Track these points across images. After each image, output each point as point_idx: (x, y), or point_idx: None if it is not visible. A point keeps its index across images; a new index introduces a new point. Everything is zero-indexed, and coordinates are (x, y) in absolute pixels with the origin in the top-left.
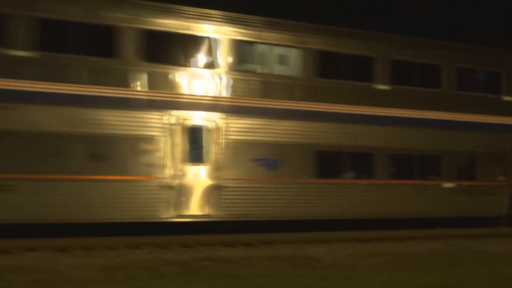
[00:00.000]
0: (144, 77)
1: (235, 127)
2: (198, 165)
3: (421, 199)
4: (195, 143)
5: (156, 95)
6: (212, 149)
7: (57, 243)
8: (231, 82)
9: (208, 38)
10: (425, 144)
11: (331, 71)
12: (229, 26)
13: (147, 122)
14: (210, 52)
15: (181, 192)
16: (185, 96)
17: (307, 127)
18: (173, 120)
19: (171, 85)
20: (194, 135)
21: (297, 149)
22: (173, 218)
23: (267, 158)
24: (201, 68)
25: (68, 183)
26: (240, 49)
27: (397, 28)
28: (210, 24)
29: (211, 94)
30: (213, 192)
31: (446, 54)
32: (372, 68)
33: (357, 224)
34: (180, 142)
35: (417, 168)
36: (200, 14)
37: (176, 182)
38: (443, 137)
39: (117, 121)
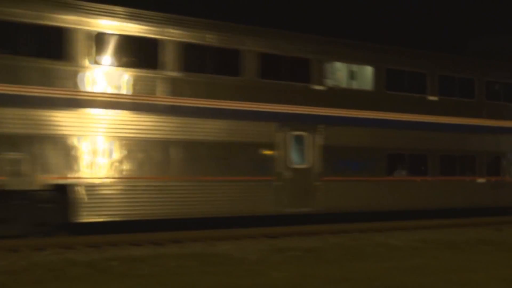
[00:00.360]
0: (262, 92)
1: (330, 135)
2: (301, 166)
3: (462, 192)
4: (298, 148)
5: (272, 108)
6: (311, 153)
7: None
8: (329, 97)
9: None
10: (465, 146)
11: (396, 86)
12: None
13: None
14: (318, 72)
15: (289, 189)
16: (291, 109)
17: (381, 133)
18: (283, 129)
19: (282, 100)
20: (298, 141)
21: (378, 151)
22: (282, 211)
23: (353, 160)
24: (306, 85)
25: (204, 183)
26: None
27: None
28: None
29: (312, 107)
30: (313, 189)
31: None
32: (425, 82)
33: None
34: (287, 147)
35: (458, 167)
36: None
37: (284, 180)
38: (477, 139)
39: (244, 131)
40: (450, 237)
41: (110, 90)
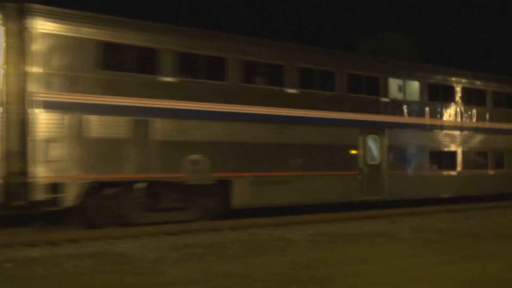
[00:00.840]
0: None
1: (393, 137)
2: (373, 162)
3: (478, 182)
4: (373, 149)
5: (354, 117)
6: (381, 152)
7: None
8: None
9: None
10: (480, 144)
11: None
12: None
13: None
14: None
15: (363, 181)
16: (368, 117)
17: (426, 134)
18: (363, 133)
19: (364, 109)
20: (372, 143)
21: (423, 149)
22: (362, 199)
23: (408, 156)
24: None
25: (315, 177)
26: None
27: None
28: None
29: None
30: (382, 181)
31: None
32: (455, 94)
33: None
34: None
35: (475, 161)
36: None
37: (364, 174)
38: (488, 138)
39: (339, 135)
40: (347, 230)
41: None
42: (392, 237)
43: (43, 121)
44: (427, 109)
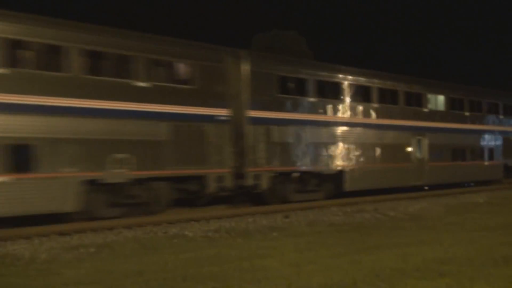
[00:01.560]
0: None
1: (431, 138)
2: (420, 156)
3: (476, 171)
4: (419, 146)
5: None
6: (424, 150)
7: None
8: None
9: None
10: (473, 142)
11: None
12: None
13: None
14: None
15: (414, 170)
16: (417, 123)
17: (449, 136)
18: (414, 136)
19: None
20: (419, 142)
21: (448, 147)
22: (412, 184)
23: (439, 152)
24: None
25: (389, 168)
26: None
27: None
28: None
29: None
30: (424, 170)
31: None
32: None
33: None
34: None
35: (471, 155)
36: None
37: (415, 165)
38: (485, 137)
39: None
40: (243, 226)
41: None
42: (288, 231)
43: (251, 132)
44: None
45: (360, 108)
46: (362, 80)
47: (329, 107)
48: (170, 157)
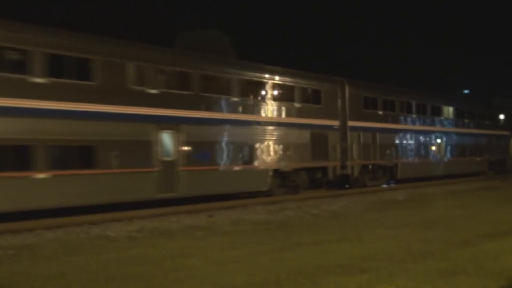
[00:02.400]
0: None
1: (453, 139)
2: (438, 154)
3: (471, 165)
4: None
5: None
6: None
7: None
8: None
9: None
10: (468, 142)
11: None
12: None
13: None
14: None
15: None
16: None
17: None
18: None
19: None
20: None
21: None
22: (439, 174)
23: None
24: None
25: (456, 160)
26: None
27: None
28: None
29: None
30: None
31: None
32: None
33: None
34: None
35: (471, 151)
36: None
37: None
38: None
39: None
40: (166, 225)
41: None
42: (212, 231)
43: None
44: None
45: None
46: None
47: (394, 119)
48: (309, 154)
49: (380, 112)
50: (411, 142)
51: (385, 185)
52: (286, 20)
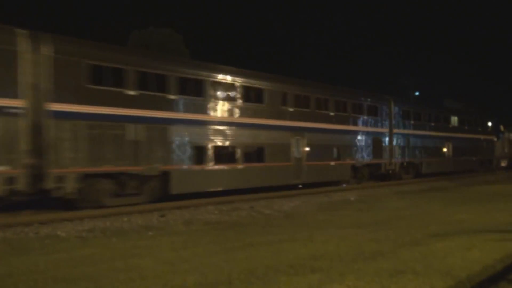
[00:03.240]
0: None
1: (458, 142)
2: (449, 154)
3: (470, 163)
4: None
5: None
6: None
7: None
8: None
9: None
10: (468, 145)
11: None
12: None
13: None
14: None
15: (449, 162)
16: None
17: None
18: (449, 142)
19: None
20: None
21: (467, 150)
22: (450, 170)
23: (459, 153)
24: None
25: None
26: None
27: None
28: None
29: None
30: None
31: None
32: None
33: None
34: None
35: (470, 152)
36: None
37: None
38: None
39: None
40: (117, 225)
41: None
42: (163, 230)
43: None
44: None
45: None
46: None
47: (421, 127)
48: (372, 154)
49: (412, 122)
50: (431, 145)
51: (343, 185)
52: (240, 18)
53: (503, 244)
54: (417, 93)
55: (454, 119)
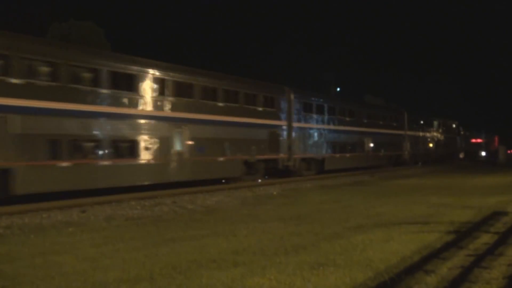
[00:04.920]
0: None
1: (439, 139)
2: (435, 147)
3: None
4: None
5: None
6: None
7: None
8: None
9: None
10: (442, 141)
11: None
12: None
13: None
14: None
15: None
16: None
17: None
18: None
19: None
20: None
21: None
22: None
23: (440, 146)
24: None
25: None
26: None
27: None
28: None
29: None
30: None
31: None
32: None
33: None
34: None
35: (444, 146)
36: None
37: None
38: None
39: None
40: (37, 221)
41: None
42: (84, 226)
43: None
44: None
45: None
46: None
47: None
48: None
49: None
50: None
51: (259, 180)
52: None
53: (420, 236)
54: (338, 89)
55: (436, 123)
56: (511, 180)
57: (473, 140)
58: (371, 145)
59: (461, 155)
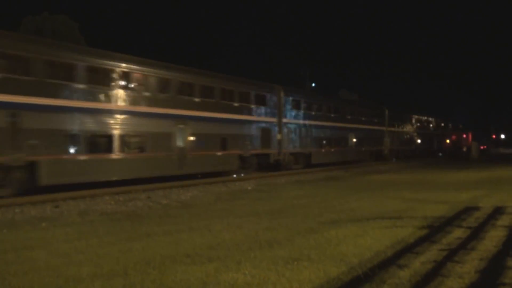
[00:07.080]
0: None
1: (424, 136)
2: (424, 143)
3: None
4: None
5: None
6: None
7: None
8: None
9: None
10: (430, 137)
11: None
12: None
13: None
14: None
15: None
16: None
17: None
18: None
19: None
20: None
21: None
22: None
23: (425, 141)
24: None
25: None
26: None
27: None
28: None
29: None
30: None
31: None
32: None
33: None
34: None
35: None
36: None
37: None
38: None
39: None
40: (9, 216)
41: None
42: (58, 221)
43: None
44: None
45: None
46: None
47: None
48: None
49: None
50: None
51: (235, 176)
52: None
53: (394, 231)
54: (313, 84)
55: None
56: (483, 175)
57: (451, 136)
58: (354, 140)
59: (438, 151)
